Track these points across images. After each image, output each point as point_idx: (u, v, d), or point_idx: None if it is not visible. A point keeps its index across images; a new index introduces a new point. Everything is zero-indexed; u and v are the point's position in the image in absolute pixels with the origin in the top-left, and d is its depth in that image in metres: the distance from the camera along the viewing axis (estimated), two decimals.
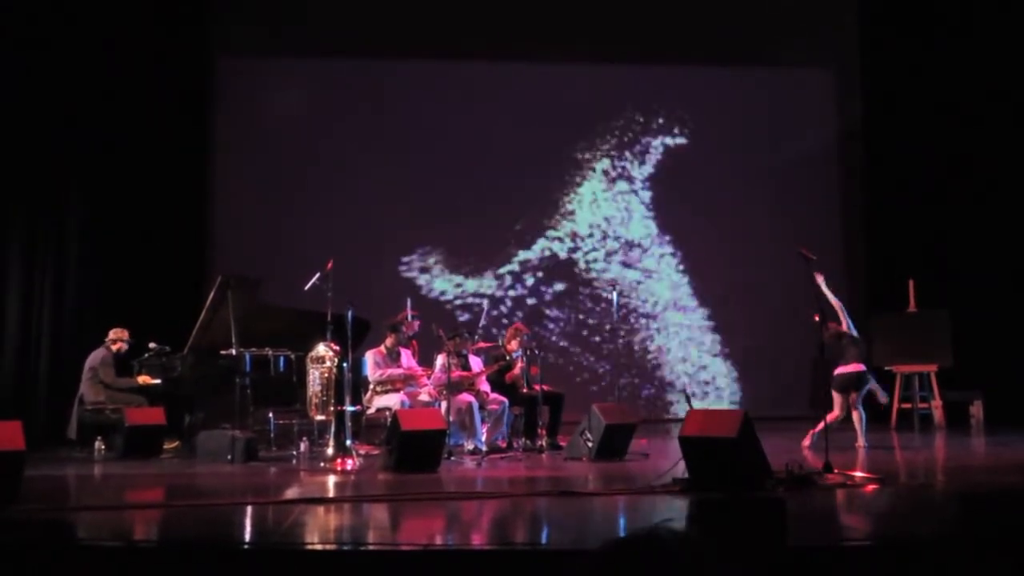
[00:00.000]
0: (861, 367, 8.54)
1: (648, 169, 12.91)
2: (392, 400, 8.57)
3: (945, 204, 11.92)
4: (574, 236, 12.78)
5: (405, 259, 12.42)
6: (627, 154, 12.91)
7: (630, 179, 12.89)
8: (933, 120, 12.02)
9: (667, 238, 12.88)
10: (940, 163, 11.98)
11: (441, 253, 12.54)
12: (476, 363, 9.07)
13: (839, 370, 8.60)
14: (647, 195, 12.90)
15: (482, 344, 9.71)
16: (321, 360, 8.15)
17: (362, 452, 8.22)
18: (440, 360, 8.68)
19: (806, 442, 8.39)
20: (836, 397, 8.62)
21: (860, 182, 12.87)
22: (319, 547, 4.52)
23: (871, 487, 6.09)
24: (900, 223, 12.15)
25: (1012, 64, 11.75)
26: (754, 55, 12.61)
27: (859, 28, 12.86)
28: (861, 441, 8.53)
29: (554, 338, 12.46)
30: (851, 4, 12.91)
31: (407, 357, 9.12)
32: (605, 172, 12.88)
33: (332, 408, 8.09)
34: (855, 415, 8.62)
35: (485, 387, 8.88)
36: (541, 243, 12.75)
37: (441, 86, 12.60)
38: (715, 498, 5.58)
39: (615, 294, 9.88)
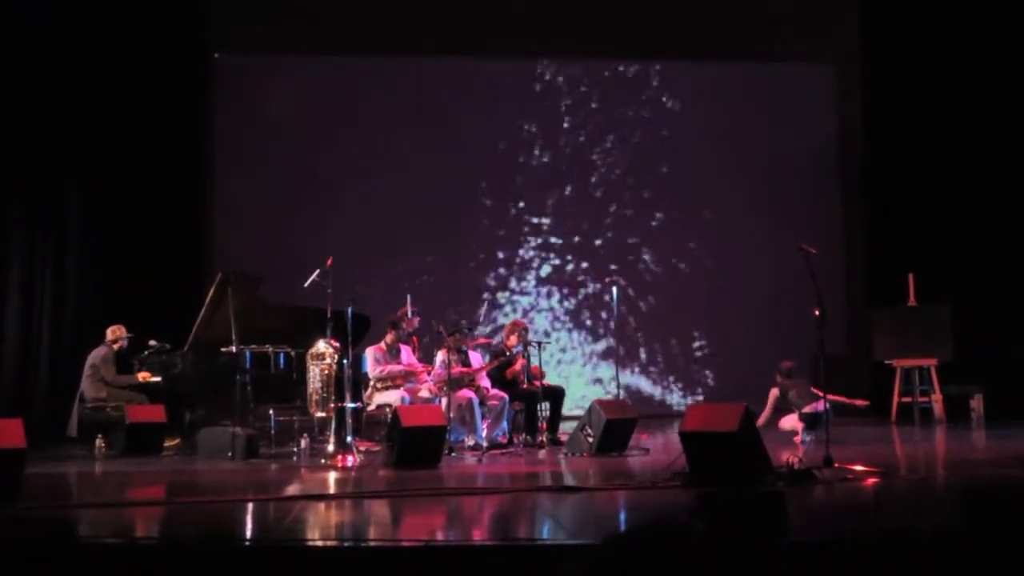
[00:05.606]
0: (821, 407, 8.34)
1: (647, 165, 12.88)
2: (392, 396, 8.58)
3: (945, 198, 11.91)
4: (573, 232, 12.76)
5: (405, 255, 12.39)
6: (626, 151, 12.88)
7: (629, 175, 12.86)
8: (933, 116, 12.00)
9: (665, 234, 12.86)
10: (940, 157, 11.97)
11: (441, 249, 12.53)
12: (476, 359, 9.07)
13: (809, 408, 8.56)
14: (645, 191, 12.87)
15: (481, 340, 9.71)
16: (321, 357, 8.14)
17: (362, 448, 8.22)
18: (440, 356, 8.69)
19: (798, 438, 8.37)
20: (793, 420, 8.71)
21: (860, 177, 12.85)
22: (320, 544, 4.53)
23: (871, 481, 6.09)
24: (900, 217, 12.14)
25: (1012, 61, 11.73)
26: (754, 51, 12.58)
27: (860, 24, 12.83)
28: (800, 435, 8.46)
29: (553, 333, 12.46)
30: (852, 1, 12.89)
31: (407, 353, 9.12)
32: (604, 168, 12.86)
33: (332, 405, 8.08)
34: (799, 426, 8.62)
35: (485, 383, 8.88)
36: (541, 239, 12.74)
37: (442, 83, 12.57)
38: (716, 493, 5.59)
39: (615, 289, 9.87)
